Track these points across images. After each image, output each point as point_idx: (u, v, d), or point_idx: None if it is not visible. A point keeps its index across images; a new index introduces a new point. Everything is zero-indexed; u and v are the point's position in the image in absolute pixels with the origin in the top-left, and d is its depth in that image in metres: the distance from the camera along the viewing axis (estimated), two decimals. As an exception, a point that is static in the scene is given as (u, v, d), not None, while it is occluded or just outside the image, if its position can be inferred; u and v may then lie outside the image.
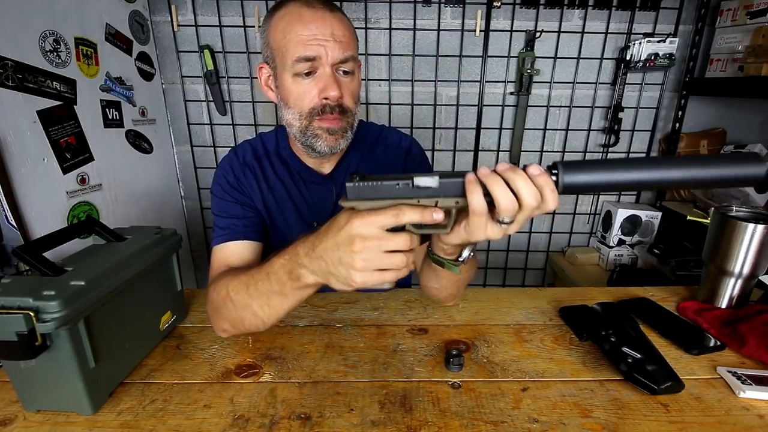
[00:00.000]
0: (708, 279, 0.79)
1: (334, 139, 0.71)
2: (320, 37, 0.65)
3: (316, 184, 0.82)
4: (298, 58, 0.65)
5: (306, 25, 0.65)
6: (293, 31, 0.65)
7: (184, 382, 0.60)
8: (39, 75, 1.05)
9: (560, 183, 0.47)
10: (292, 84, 0.68)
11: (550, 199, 0.46)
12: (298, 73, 0.67)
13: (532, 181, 0.46)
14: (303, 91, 0.68)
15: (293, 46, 0.65)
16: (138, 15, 1.43)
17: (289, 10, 0.66)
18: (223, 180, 0.80)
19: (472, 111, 1.63)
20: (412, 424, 0.52)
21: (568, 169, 0.47)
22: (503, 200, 0.46)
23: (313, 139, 0.71)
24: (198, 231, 1.79)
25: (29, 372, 0.51)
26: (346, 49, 0.67)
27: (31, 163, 1.04)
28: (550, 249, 1.85)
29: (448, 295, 0.76)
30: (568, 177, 0.47)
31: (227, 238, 0.76)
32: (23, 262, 0.53)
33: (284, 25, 0.66)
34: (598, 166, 0.47)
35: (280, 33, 0.67)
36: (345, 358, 0.65)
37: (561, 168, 0.47)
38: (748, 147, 1.53)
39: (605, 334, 0.64)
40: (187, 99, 1.61)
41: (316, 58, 0.65)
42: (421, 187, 0.49)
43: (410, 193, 0.50)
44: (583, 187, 0.48)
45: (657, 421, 0.53)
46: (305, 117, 0.70)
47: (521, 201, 0.46)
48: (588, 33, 1.54)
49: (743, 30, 1.35)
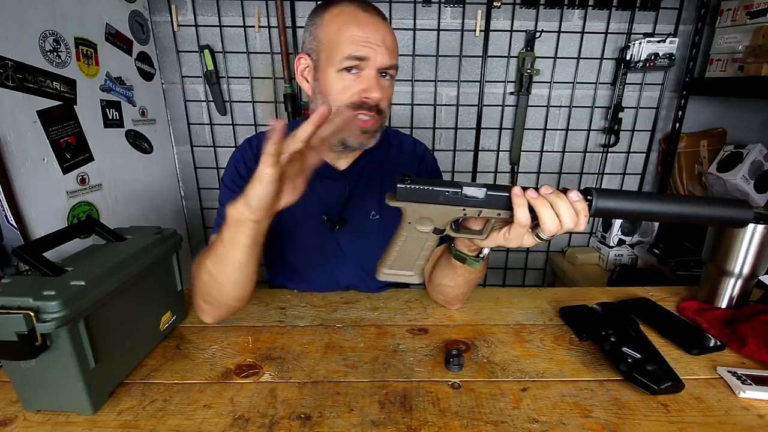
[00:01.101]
0: (708, 279, 0.79)
1: (365, 138, 0.76)
2: (372, 41, 0.69)
3: (329, 179, 0.84)
4: (350, 56, 0.69)
5: (362, 28, 0.69)
6: (348, 30, 0.69)
7: (184, 382, 0.60)
8: (39, 75, 1.05)
9: (593, 208, 0.53)
10: (335, 78, 0.72)
11: (582, 223, 0.54)
12: (345, 68, 0.70)
13: (572, 205, 0.53)
14: (345, 86, 0.72)
15: (346, 44, 0.69)
16: (138, 15, 1.43)
17: (346, 10, 0.71)
18: (234, 171, 0.82)
19: (472, 111, 1.63)
20: (412, 424, 0.52)
21: (602, 196, 0.54)
22: (549, 222, 0.53)
23: (346, 134, 0.74)
24: (198, 231, 1.79)
25: (29, 372, 0.51)
26: (393, 57, 0.72)
27: (31, 163, 1.04)
28: (550, 249, 1.85)
29: (458, 295, 0.77)
30: (600, 203, 0.53)
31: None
32: (23, 262, 0.53)
33: (339, 23, 0.70)
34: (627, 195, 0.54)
35: (334, 29, 0.70)
36: (345, 358, 0.65)
37: (595, 194, 0.54)
38: (748, 147, 1.53)
39: (605, 334, 0.64)
40: (187, 99, 1.61)
41: (365, 59, 0.70)
42: (468, 197, 0.54)
43: (457, 201, 0.54)
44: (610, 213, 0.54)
45: (657, 421, 0.53)
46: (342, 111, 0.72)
47: (561, 223, 0.53)
48: (588, 33, 1.54)
49: (743, 30, 1.35)
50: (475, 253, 0.65)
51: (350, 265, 0.87)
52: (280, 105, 1.60)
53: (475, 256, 0.65)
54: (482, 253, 0.65)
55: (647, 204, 0.54)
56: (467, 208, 0.55)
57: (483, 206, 0.54)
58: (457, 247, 0.66)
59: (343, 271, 0.87)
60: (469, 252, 0.65)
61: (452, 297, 0.77)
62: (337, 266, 0.87)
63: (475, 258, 0.65)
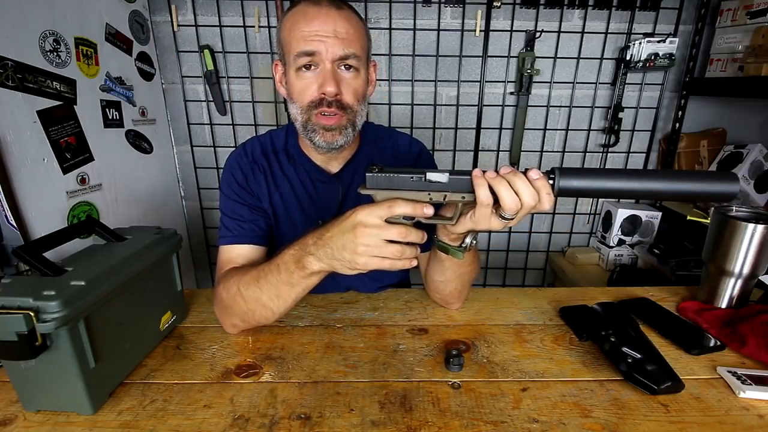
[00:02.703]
0: (708, 279, 0.79)
1: (331, 136, 0.73)
2: (321, 34, 0.67)
3: (323, 183, 0.83)
4: (299, 53, 0.68)
5: (309, 22, 0.67)
6: (297, 27, 0.68)
7: (184, 382, 0.60)
8: (39, 75, 1.05)
9: (556, 186, 0.53)
10: (295, 78, 0.71)
11: (545, 201, 0.53)
12: (300, 67, 0.69)
13: (531, 183, 0.53)
14: (304, 85, 0.71)
15: (296, 42, 0.68)
16: (138, 15, 1.43)
17: (298, 9, 0.69)
18: (231, 178, 0.81)
19: (472, 111, 1.63)
20: (412, 424, 0.52)
21: (564, 175, 0.53)
22: (507, 199, 0.52)
23: (312, 134, 0.73)
24: (198, 231, 1.79)
25: (29, 372, 0.51)
26: (348, 46, 0.68)
27: (31, 163, 1.04)
28: (550, 249, 1.85)
29: (452, 292, 0.76)
30: (564, 182, 0.53)
31: (234, 240, 0.78)
32: (23, 262, 0.53)
33: (290, 23, 0.69)
34: (592, 173, 0.53)
35: (287, 30, 0.70)
36: (345, 358, 0.65)
37: (558, 173, 0.53)
38: (748, 147, 1.53)
39: (605, 334, 0.64)
40: (187, 99, 1.61)
41: (315, 53, 0.68)
42: (432, 182, 0.55)
43: (422, 186, 0.56)
44: (576, 192, 0.53)
45: (657, 421, 0.53)
46: (305, 111, 0.72)
47: (521, 200, 0.53)
48: (588, 33, 1.54)
49: (743, 30, 1.35)
50: (457, 243, 0.65)
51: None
52: (280, 105, 1.60)
53: (458, 246, 0.64)
54: (464, 242, 0.64)
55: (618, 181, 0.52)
56: (432, 193, 0.56)
57: (447, 190, 0.56)
58: (439, 238, 0.66)
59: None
60: (450, 242, 0.65)
61: (447, 294, 0.77)
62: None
63: (458, 248, 0.64)
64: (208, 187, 1.73)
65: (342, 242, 0.56)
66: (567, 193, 0.54)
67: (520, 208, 0.53)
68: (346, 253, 0.56)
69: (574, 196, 0.55)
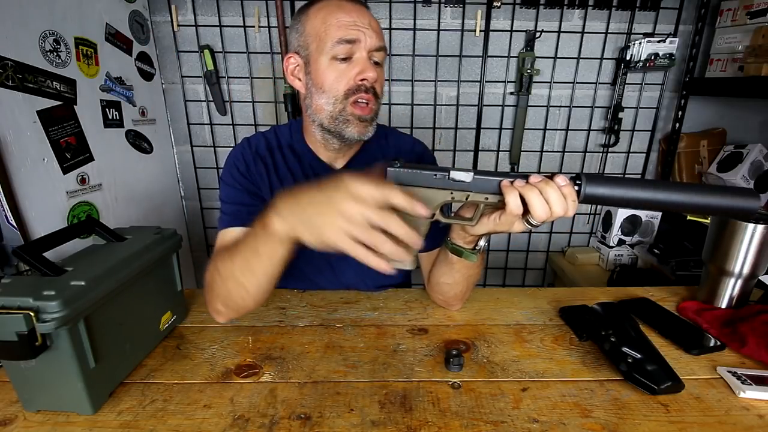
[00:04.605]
0: (708, 279, 0.79)
1: (363, 127, 0.74)
2: (360, 25, 0.70)
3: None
4: (339, 40, 0.69)
5: (348, 13, 0.70)
6: (335, 17, 0.70)
7: (184, 382, 0.60)
8: (39, 75, 1.05)
9: (582, 193, 0.53)
10: (328, 68, 0.71)
11: (571, 208, 0.53)
12: (336, 56, 0.70)
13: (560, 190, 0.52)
14: (339, 75, 0.71)
15: (334, 30, 0.69)
16: (138, 15, 1.43)
17: (329, 3, 0.72)
18: (234, 168, 0.82)
19: (472, 111, 1.63)
20: (412, 424, 0.52)
21: (591, 182, 0.52)
22: (538, 209, 0.52)
23: (344, 125, 0.74)
24: (198, 231, 1.79)
25: (29, 372, 0.51)
26: (380, 39, 0.73)
27: (31, 163, 1.04)
28: (550, 249, 1.85)
29: (457, 294, 0.76)
30: (590, 188, 0.52)
31: (232, 223, 0.77)
32: (23, 262, 0.53)
33: (325, 13, 0.71)
34: (618, 182, 0.53)
35: (320, 20, 0.71)
36: (345, 358, 0.65)
37: (584, 179, 0.53)
38: (748, 147, 1.53)
39: (605, 334, 0.64)
40: (187, 99, 1.61)
41: (355, 42, 0.70)
42: (455, 180, 0.54)
43: (445, 185, 0.55)
44: (600, 200, 0.53)
45: (657, 421, 0.53)
46: (340, 100, 0.72)
47: (551, 210, 0.52)
48: (588, 33, 1.54)
49: (743, 30, 1.35)
50: (471, 246, 0.65)
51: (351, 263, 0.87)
52: (280, 105, 1.60)
53: (472, 249, 0.64)
54: (478, 245, 0.64)
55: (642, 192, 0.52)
56: (455, 192, 0.55)
57: (470, 190, 0.55)
58: (453, 240, 0.66)
59: (344, 270, 0.87)
60: (464, 244, 0.65)
61: (451, 296, 0.76)
62: (338, 264, 0.87)
63: (472, 250, 0.64)
64: (208, 187, 1.73)
65: (320, 208, 0.49)
66: (591, 201, 0.53)
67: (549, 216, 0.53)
68: (320, 219, 0.49)
69: (596, 204, 0.55)
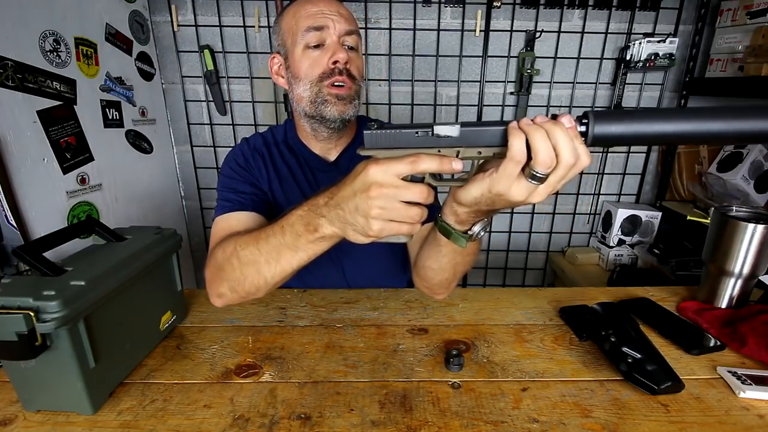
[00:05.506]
0: (708, 279, 0.79)
1: (343, 105, 0.75)
2: (327, 13, 0.73)
3: (322, 172, 0.85)
4: (308, 28, 0.73)
5: (315, 4, 0.74)
6: (303, 9, 0.74)
7: (184, 382, 0.60)
8: (39, 75, 1.05)
9: (590, 134, 0.45)
10: (302, 56, 0.75)
11: (582, 154, 0.44)
12: (308, 44, 0.74)
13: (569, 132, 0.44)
14: (313, 61, 0.74)
15: (303, 20, 0.73)
16: (138, 15, 1.43)
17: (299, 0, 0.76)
18: (233, 162, 0.84)
19: (472, 111, 1.63)
20: (412, 424, 0.52)
21: (600, 119, 0.44)
22: (542, 152, 0.43)
23: (323, 106, 0.75)
24: (198, 231, 1.79)
25: (29, 372, 0.51)
26: (351, 23, 0.76)
27: (31, 163, 1.04)
28: (550, 249, 1.85)
29: (442, 281, 0.71)
30: (599, 127, 0.44)
31: (233, 208, 0.77)
32: (23, 262, 0.53)
33: (295, 9, 0.76)
34: (632, 116, 0.44)
35: (291, 15, 0.76)
36: (345, 358, 0.65)
37: (592, 117, 0.44)
38: (748, 147, 1.53)
39: (605, 334, 0.64)
40: (187, 99, 1.61)
41: (324, 28, 0.73)
42: (441, 136, 0.47)
43: (430, 143, 0.48)
44: (615, 139, 0.45)
45: (657, 421, 0.53)
46: (315, 83, 0.75)
47: (559, 155, 0.44)
48: (588, 33, 1.54)
49: (743, 30, 1.35)
50: (464, 228, 0.57)
51: (351, 255, 0.88)
52: (280, 105, 1.60)
53: (464, 232, 0.57)
54: (472, 230, 0.57)
55: (665, 123, 0.43)
56: (442, 150, 0.48)
57: (460, 145, 0.48)
58: (443, 218, 0.58)
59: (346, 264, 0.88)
60: (455, 223, 0.57)
61: (435, 283, 0.71)
62: (337, 257, 0.87)
63: (463, 234, 0.57)
64: (208, 187, 1.73)
65: (354, 204, 0.48)
66: (603, 142, 0.45)
67: (555, 165, 0.44)
68: (360, 216, 0.48)
69: (611, 145, 0.45)
